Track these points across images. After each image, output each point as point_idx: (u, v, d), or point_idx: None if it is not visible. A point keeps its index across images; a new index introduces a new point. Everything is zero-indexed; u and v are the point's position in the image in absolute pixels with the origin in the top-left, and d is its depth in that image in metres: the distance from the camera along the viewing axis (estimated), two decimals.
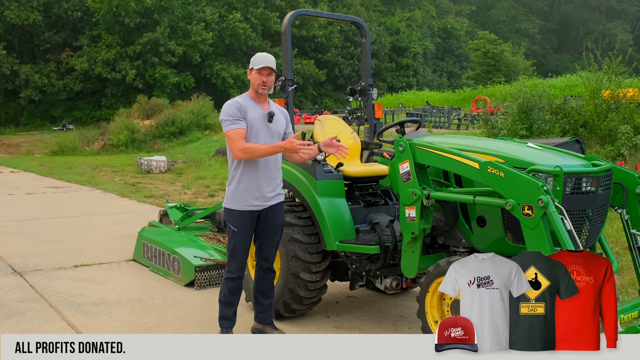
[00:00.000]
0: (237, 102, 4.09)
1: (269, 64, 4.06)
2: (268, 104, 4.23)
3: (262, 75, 4.07)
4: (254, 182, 4.08)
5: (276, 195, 4.20)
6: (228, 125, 4.02)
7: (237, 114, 4.02)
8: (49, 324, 4.74)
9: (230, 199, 4.12)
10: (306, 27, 52.48)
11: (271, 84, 4.15)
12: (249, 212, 4.09)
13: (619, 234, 7.09)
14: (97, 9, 44.49)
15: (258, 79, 4.08)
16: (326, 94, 56.13)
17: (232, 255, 4.15)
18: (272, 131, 4.15)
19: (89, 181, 15.21)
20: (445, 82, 64.03)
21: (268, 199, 4.13)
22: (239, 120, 4.01)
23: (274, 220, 4.20)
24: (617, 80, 15.21)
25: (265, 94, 4.16)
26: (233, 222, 4.12)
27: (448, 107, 34.71)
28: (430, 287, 3.78)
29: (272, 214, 4.18)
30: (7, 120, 44.63)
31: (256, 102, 4.15)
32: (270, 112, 4.14)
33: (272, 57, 4.13)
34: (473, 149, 3.79)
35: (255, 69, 4.07)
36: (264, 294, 4.32)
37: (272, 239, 4.25)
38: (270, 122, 4.14)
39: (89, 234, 8.42)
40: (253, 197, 4.08)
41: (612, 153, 13.20)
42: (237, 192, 4.09)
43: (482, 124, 18.33)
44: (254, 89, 4.12)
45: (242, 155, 4.00)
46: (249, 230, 4.14)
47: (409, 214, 3.88)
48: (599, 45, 71.86)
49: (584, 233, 3.56)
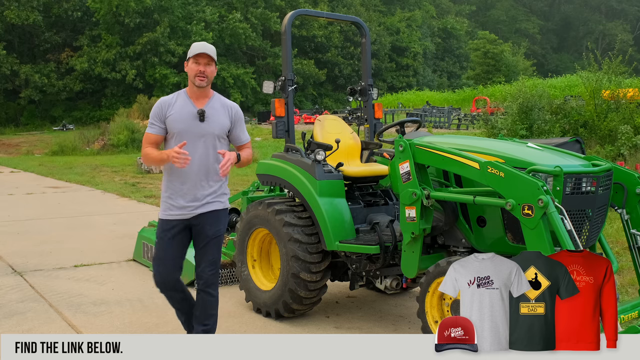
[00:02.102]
0: (163, 101, 3.70)
1: (207, 50, 3.62)
2: (208, 99, 3.72)
3: (200, 64, 3.61)
4: (178, 190, 3.65)
5: (204, 204, 3.67)
6: (148, 127, 3.69)
7: (155, 116, 3.65)
8: (49, 324, 4.74)
9: (161, 206, 3.77)
10: (306, 27, 52.48)
11: (211, 75, 3.66)
12: (168, 220, 3.67)
13: (619, 234, 7.09)
14: (97, 9, 44.50)
15: (195, 69, 3.61)
16: (326, 94, 56.15)
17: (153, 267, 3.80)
18: (204, 131, 3.63)
19: (89, 181, 15.21)
20: (445, 82, 64.04)
21: (194, 207, 3.65)
22: (153, 124, 3.65)
23: (203, 231, 3.69)
24: (617, 80, 15.22)
25: (204, 86, 3.65)
26: (157, 230, 3.76)
27: (448, 107, 34.75)
28: (430, 287, 3.78)
29: (202, 224, 3.68)
30: (7, 120, 44.64)
31: (190, 99, 3.68)
32: (200, 110, 3.63)
33: (211, 46, 3.69)
34: (473, 149, 3.79)
35: (192, 58, 3.63)
36: (198, 319, 3.74)
37: (203, 253, 3.71)
38: (201, 121, 3.63)
39: (89, 234, 8.42)
40: (176, 206, 3.65)
41: (612, 153, 13.20)
42: (163, 199, 3.72)
43: (482, 124, 18.33)
44: (191, 81, 3.64)
45: (143, 160, 3.73)
46: (169, 240, 3.68)
47: (409, 214, 3.88)
48: (599, 45, 71.87)
49: (584, 233, 3.56)
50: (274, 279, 4.90)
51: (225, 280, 5.81)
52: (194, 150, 3.59)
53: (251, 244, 5.01)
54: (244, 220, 5.00)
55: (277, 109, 4.99)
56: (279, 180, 4.87)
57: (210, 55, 3.63)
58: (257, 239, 5.00)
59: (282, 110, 5.02)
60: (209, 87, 3.73)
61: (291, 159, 4.79)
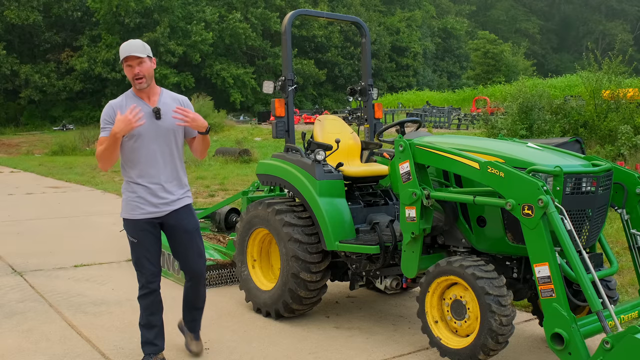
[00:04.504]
0: (112, 104, 3.59)
1: (134, 52, 3.46)
2: (158, 96, 3.64)
3: (132, 67, 3.48)
4: (144, 189, 3.61)
5: (177, 199, 3.70)
6: (100, 132, 3.56)
7: (107, 119, 3.53)
8: (49, 324, 4.74)
9: (124, 208, 3.69)
10: (306, 27, 52.49)
11: (149, 73, 3.54)
12: (144, 220, 3.63)
13: (619, 234, 7.09)
14: (97, 9, 44.54)
15: (130, 72, 3.50)
16: (326, 94, 56.17)
17: (137, 270, 3.74)
18: (162, 129, 3.59)
19: (89, 181, 15.20)
20: (445, 82, 64.07)
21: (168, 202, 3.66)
22: (105, 128, 3.53)
23: (181, 226, 3.73)
24: (617, 80, 15.23)
25: (145, 87, 3.55)
26: (130, 233, 3.67)
27: (448, 107, 34.77)
28: (430, 287, 3.78)
29: (176, 219, 3.70)
30: (7, 120, 44.67)
31: (139, 98, 3.60)
32: (155, 109, 3.56)
33: (138, 41, 3.54)
34: (473, 149, 3.79)
35: (123, 62, 3.51)
36: (194, 305, 3.99)
37: (188, 246, 3.78)
38: (158, 119, 3.56)
39: (89, 234, 8.41)
40: (148, 204, 3.61)
41: (612, 153, 13.20)
42: (130, 199, 3.64)
43: (482, 124, 18.35)
44: (133, 84, 3.58)
45: (100, 165, 3.58)
46: (149, 242, 3.66)
47: (409, 214, 3.88)
48: (599, 45, 71.90)
49: (584, 233, 3.56)
50: (274, 279, 4.89)
51: (225, 280, 5.81)
52: (155, 148, 3.59)
53: (251, 244, 5.01)
54: (244, 220, 5.00)
55: (277, 109, 4.99)
56: (279, 180, 4.86)
57: (138, 56, 3.49)
58: (257, 239, 4.99)
59: (282, 110, 5.02)
60: (153, 82, 3.64)
61: (291, 159, 4.79)
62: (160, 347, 3.87)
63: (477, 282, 3.48)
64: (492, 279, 3.50)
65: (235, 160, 19.30)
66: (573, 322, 3.10)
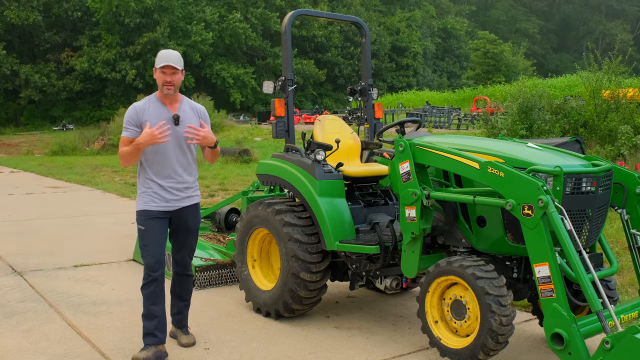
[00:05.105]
0: (136, 106, 3.90)
1: (172, 62, 3.82)
2: (179, 103, 3.99)
3: (166, 74, 3.83)
4: (158, 186, 3.96)
5: (187, 197, 4.04)
6: (123, 131, 3.90)
7: (130, 121, 3.87)
8: (49, 324, 4.74)
9: (139, 201, 4.02)
10: (306, 27, 52.49)
11: (178, 83, 3.89)
12: (156, 211, 3.95)
13: (619, 234, 7.09)
14: (97, 9, 44.54)
15: (161, 79, 3.85)
16: (326, 94, 56.17)
17: (142, 257, 3.98)
18: (179, 134, 3.91)
19: (89, 181, 15.21)
20: (445, 82, 64.08)
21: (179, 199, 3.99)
22: (128, 128, 3.87)
23: (184, 222, 4.07)
24: (617, 80, 15.22)
25: (171, 93, 3.90)
26: (140, 222, 3.98)
27: (448, 107, 34.78)
28: (430, 287, 3.78)
29: (184, 214, 4.04)
30: (7, 120, 44.68)
31: (162, 104, 3.93)
32: (175, 115, 3.90)
33: (176, 54, 3.90)
34: (473, 149, 3.79)
35: (159, 68, 3.84)
36: (179, 296, 4.27)
37: (184, 242, 4.14)
38: (176, 125, 3.90)
39: (89, 234, 8.41)
40: (161, 199, 3.96)
41: (612, 153, 13.20)
42: (146, 194, 3.98)
43: (482, 124, 18.34)
44: (160, 89, 3.90)
45: (121, 162, 3.95)
46: (156, 230, 3.94)
47: (409, 214, 3.88)
48: (599, 45, 71.92)
49: (584, 233, 3.56)
50: (274, 279, 4.89)
51: (225, 280, 5.81)
52: (171, 151, 3.92)
53: (251, 244, 5.01)
54: (244, 220, 5.00)
55: (277, 109, 5.00)
56: (279, 180, 4.87)
57: (175, 67, 3.84)
58: (257, 239, 5.00)
59: (282, 110, 5.02)
60: (178, 91, 3.99)
61: (291, 159, 4.79)
62: (161, 339, 3.95)
63: (477, 282, 3.48)
64: (492, 279, 3.50)
65: (235, 160, 19.31)
66: (573, 322, 3.10)
